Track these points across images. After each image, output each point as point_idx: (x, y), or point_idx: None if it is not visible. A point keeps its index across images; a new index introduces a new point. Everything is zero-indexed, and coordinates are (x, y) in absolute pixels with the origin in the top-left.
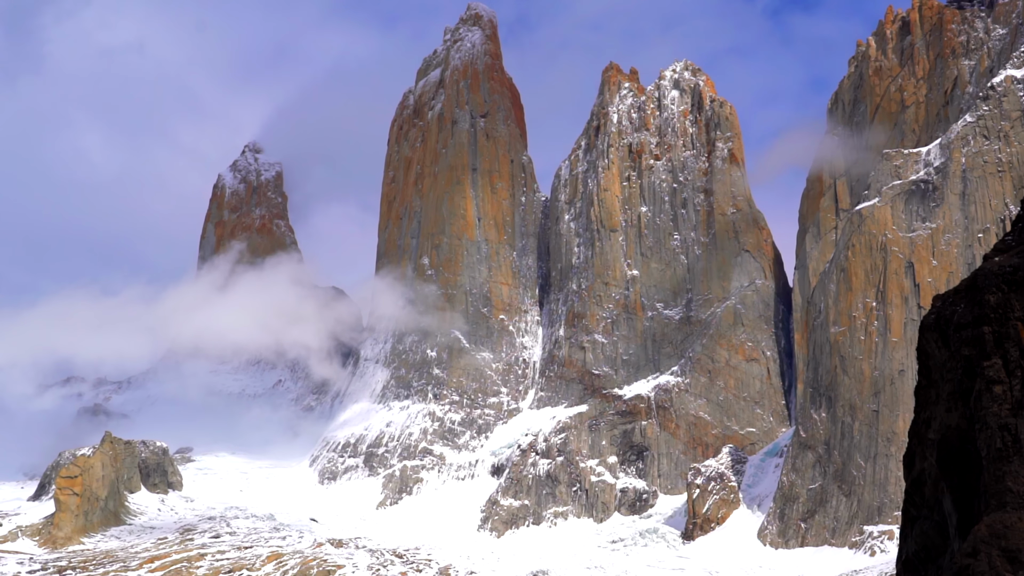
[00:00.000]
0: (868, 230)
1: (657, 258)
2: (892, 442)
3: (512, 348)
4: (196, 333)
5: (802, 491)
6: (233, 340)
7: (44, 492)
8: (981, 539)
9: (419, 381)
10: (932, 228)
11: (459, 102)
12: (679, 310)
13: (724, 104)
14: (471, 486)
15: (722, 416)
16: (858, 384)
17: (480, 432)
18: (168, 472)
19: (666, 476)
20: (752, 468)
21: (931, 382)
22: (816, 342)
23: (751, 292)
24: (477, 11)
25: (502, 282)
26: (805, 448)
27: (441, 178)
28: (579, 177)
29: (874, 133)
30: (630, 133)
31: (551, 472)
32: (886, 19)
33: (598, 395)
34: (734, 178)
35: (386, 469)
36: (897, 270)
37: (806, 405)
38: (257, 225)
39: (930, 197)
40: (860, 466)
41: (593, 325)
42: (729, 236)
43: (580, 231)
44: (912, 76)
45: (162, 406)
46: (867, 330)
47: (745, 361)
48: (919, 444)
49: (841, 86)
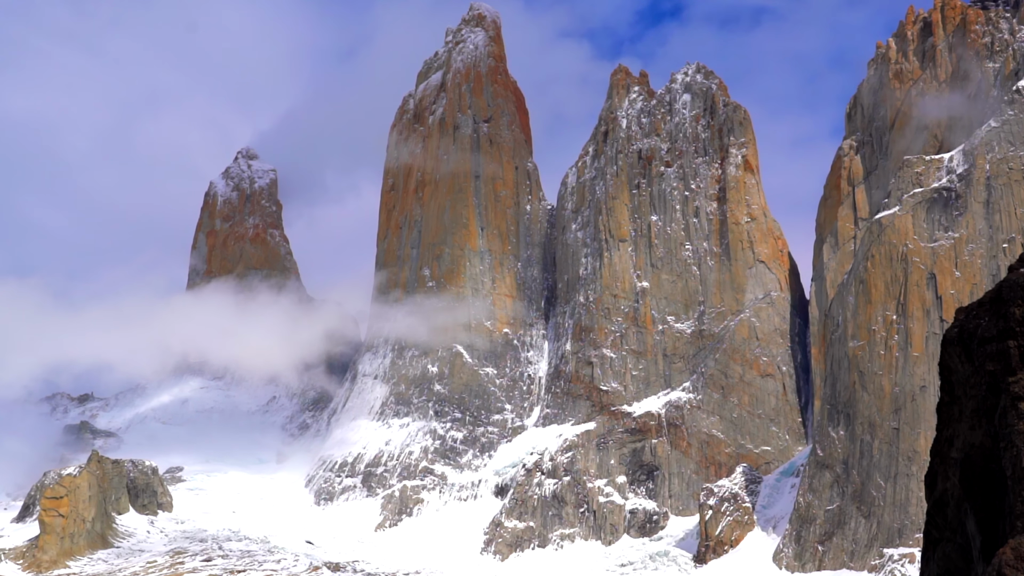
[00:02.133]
0: (888, 240)
1: (668, 269)
2: (913, 461)
3: (517, 363)
4: (187, 348)
5: (819, 512)
6: (226, 355)
7: (28, 513)
8: (1006, 562)
9: (419, 397)
10: (955, 238)
11: (461, 106)
12: (691, 323)
13: (738, 108)
14: (474, 507)
15: (736, 434)
16: (878, 401)
17: (483, 451)
18: (158, 492)
19: (677, 497)
20: (767, 488)
21: (954, 399)
22: (834, 357)
23: (766, 305)
24: (480, 11)
25: (506, 294)
26: (822, 467)
27: (442, 186)
28: (586, 185)
29: (894, 139)
30: (640, 139)
31: (557, 493)
32: (907, 20)
33: (606, 412)
34: (748, 186)
35: (385, 489)
36: (918, 281)
37: (823, 423)
38: (251, 235)
39: (953, 205)
40: (880, 486)
41: (601, 339)
42: (743, 246)
43: (588, 241)
44: (934, 79)
45: (151, 424)
46: (887, 344)
47: (760, 377)
48: (941, 463)
49: (860, 90)
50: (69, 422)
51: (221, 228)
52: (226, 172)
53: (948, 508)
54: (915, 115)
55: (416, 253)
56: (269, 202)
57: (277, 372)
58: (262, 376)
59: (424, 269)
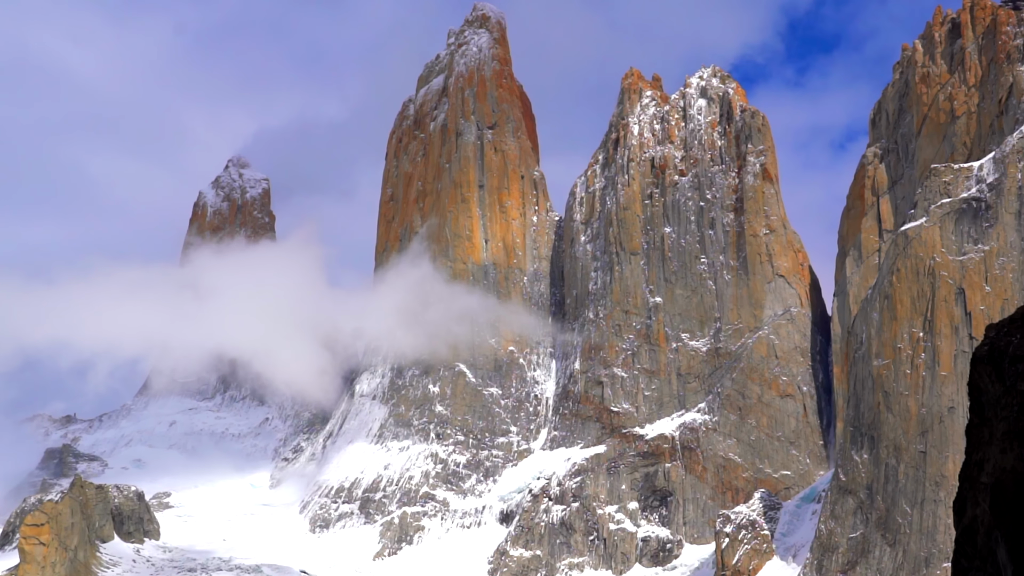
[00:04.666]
0: (914, 253)
1: (682, 284)
2: (941, 486)
3: (523, 383)
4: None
5: (842, 540)
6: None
7: (7, 542)
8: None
9: (420, 419)
10: (985, 251)
11: (464, 112)
12: (706, 341)
13: (756, 114)
14: (477, 535)
15: (754, 458)
16: (904, 423)
17: (487, 475)
18: (144, 519)
19: (692, 524)
20: (787, 515)
21: (984, 420)
22: (857, 376)
23: (786, 321)
24: (484, 11)
25: (511, 310)
26: (845, 493)
27: (444, 196)
28: (596, 195)
29: (921, 146)
30: (652, 146)
31: (566, 520)
32: (934, 21)
33: (617, 435)
34: (767, 196)
35: (384, 516)
36: (946, 297)
37: (846, 446)
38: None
39: (983, 216)
40: (906, 513)
41: (612, 358)
42: (762, 260)
43: (597, 254)
44: (963, 83)
45: (137, 447)
46: (913, 363)
47: (779, 397)
48: (971, 488)
49: (885, 94)
50: (50, 445)
51: (210, 240)
52: (216, 181)
53: (977, 536)
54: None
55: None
56: (261, 213)
57: (270, 392)
58: (254, 397)
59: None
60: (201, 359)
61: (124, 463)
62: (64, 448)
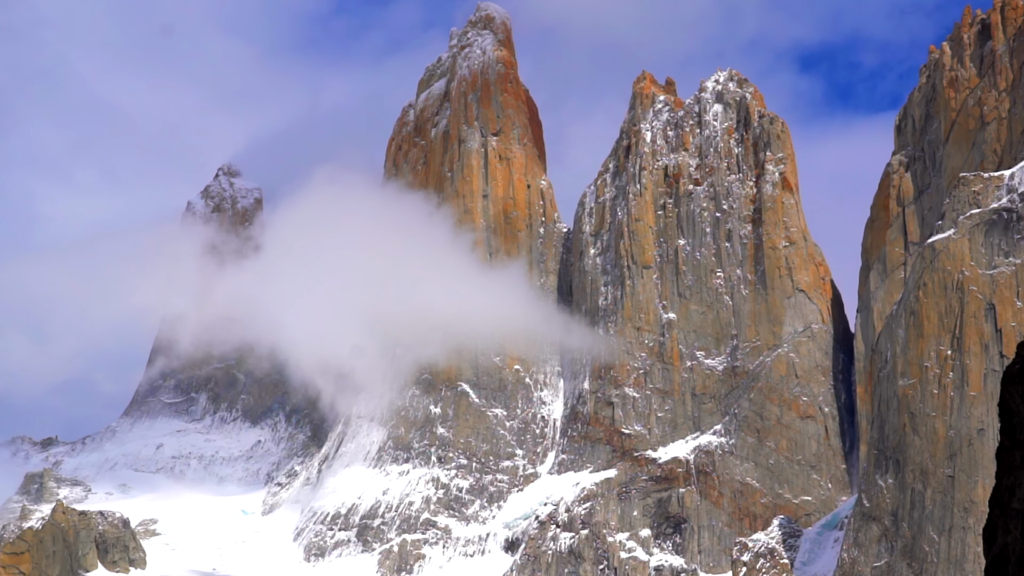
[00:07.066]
0: (942, 266)
1: (697, 299)
2: (970, 512)
3: (529, 403)
4: None
5: (866, 569)
6: None
7: None
8: None
9: (421, 442)
10: (1016, 264)
11: (467, 118)
12: (723, 359)
13: (775, 120)
14: (481, 563)
15: (772, 482)
16: (931, 445)
17: (492, 501)
18: (129, 548)
19: (708, 552)
20: (807, 542)
21: (1015, 443)
22: (882, 396)
23: (806, 338)
24: (488, 12)
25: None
26: (869, 519)
27: (446, 206)
28: (606, 205)
29: (949, 154)
30: (666, 154)
31: (574, 547)
32: (963, 22)
33: (628, 458)
34: (787, 206)
35: (383, 544)
36: (976, 313)
37: (870, 469)
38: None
39: (1014, 228)
40: (933, 540)
41: (623, 377)
42: (781, 273)
43: (608, 268)
44: (993, 88)
45: (122, 471)
46: (941, 382)
47: (799, 419)
48: (1001, 515)
49: (911, 100)
50: (31, 469)
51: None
52: (205, 191)
53: (1009, 565)
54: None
55: None
56: (253, 224)
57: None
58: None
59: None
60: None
61: (108, 488)
62: (45, 472)
